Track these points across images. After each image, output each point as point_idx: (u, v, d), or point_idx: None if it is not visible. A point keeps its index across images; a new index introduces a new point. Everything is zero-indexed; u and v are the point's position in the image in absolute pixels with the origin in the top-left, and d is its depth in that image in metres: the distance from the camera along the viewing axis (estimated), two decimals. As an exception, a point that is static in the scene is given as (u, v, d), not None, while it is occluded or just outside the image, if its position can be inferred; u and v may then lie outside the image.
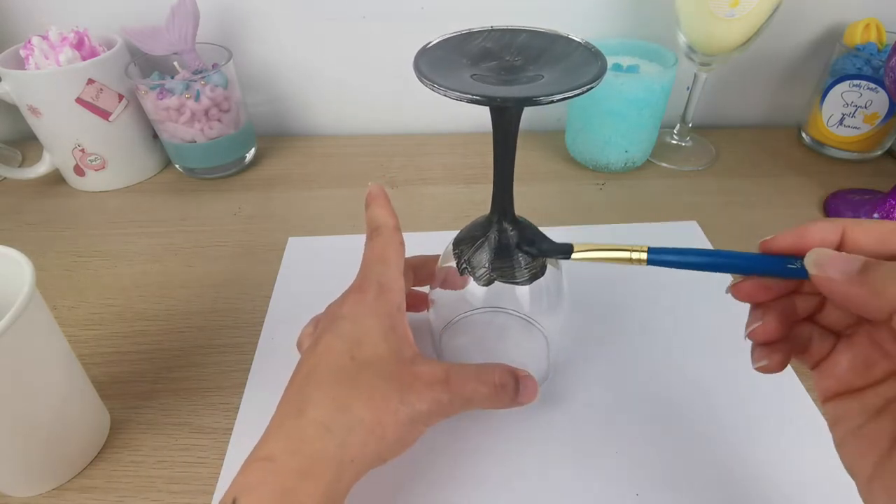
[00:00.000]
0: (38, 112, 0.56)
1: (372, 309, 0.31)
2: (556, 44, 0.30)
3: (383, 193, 0.36)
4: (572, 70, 0.27)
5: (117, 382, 0.42)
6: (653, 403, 0.40)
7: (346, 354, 0.29)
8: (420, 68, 0.27)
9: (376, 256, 0.33)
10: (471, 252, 0.34)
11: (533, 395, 0.32)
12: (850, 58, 0.62)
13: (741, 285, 0.27)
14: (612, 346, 0.44)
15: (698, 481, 0.35)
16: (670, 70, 0.58)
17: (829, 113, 0.65)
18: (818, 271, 0.23)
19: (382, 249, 0.33)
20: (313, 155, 0.68)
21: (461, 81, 0.27)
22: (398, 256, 0.33)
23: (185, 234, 0.55)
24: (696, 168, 0.66)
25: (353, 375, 0.28)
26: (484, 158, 0.67)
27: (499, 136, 0.31)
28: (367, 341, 0.30)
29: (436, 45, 0.30)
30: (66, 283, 0.50)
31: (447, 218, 0.57)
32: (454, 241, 0.36)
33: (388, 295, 0.31)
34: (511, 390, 0.31)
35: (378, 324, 0.30)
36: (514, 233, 0.33)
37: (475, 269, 0.34)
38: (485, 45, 0.30)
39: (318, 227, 0.56)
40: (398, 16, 0.65)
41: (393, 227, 0.35)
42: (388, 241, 0.34)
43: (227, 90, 0.59)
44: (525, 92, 0.26)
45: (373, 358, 0.29)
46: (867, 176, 0.64)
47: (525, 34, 0.31)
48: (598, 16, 0.66)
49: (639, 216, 0.58)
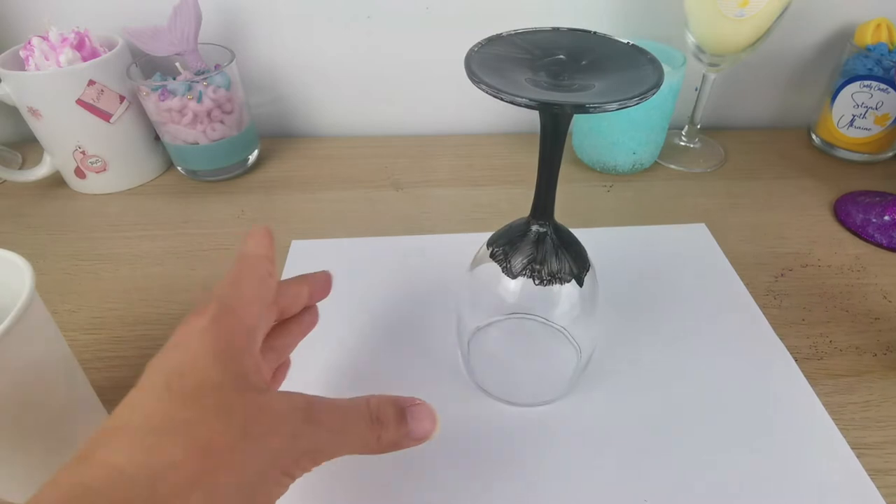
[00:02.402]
0: (39, 114, 0.55)
1: (205, 331, 0.24)
2: (612, 48, 0.29)
3: (267, 233, 0.30)
4: (627, 77, 0.26)
5: (119, 387, 0.41)
6: (666, 411, 0.39)
7: (159, 387, 0.22)
8: (473, 70, 0.26)
9: (227, 280, 0.27)
10: (509, 248, 0.33)
11: (429, 424, 0.26)
12: (860, 58, 0.61)
13: None
14: (631, 351, 0.43)
15: (709, 492, 0.35)
16: (679, 70, 0.57)
17: (839, 114, 0.65)
18: None
19: (237, 274, 0.28)
20: (317, 157, 0.68)
21: (516, 85, 0.26)
22: (257, 282, 0.28)
23: (188, 237, 0.55)
24: (704, 170, 0.65)
25: (168, 409, 0.21)
26: (490, 160, 0.66)
27: (549, 140, 0.30)
28: (192, 368, 0.23)
29: (486, 44, 0.29)
30: (66, 286, 0.49)
31: (453, 220, 0.57)
32: (489, 239, 0.35)
33: (231, 317, 0.25)
34: (391, 420, 0.25)
35: (210, 348, 0.24)
36: (554, 236, 0.33)
37: (512, 265, 0.33)
38: (537, 47, 0.29)
39: (322, 229, 0.56)
40: (403, 16, 0.64)
41: (261, 255, 0.29)
42: (249, 268, 0.28)
43: (229, 91, 0.59)
44: (582, 98, 0.25)
45: (199, 386, 0.22)
46: (878, 178, 0.64)
47: (581, 36, 0.30)
48: (607, 15, 0.65)
49: (647, 218, 0.57)
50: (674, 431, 0.38)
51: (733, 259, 0.51)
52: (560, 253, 0.33)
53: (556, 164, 0.31)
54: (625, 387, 0.40)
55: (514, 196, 0.60)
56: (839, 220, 0.57)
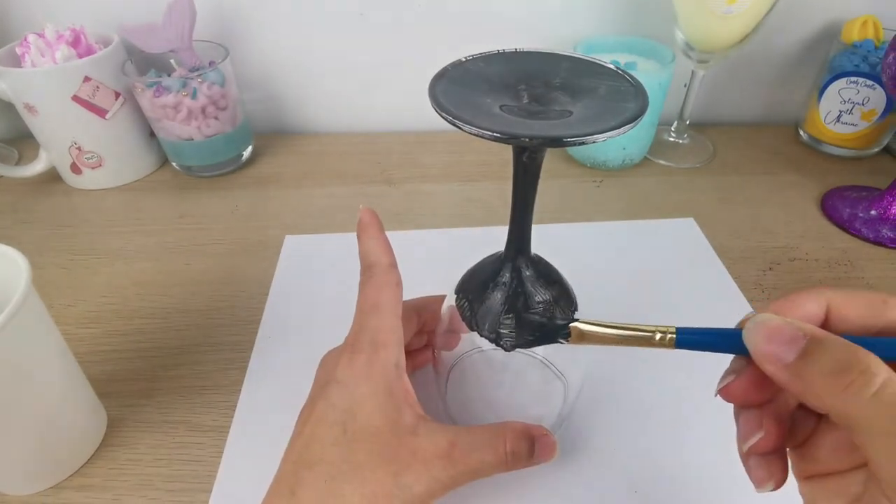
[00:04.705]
0: (35, 110, 0.55)
1: (365, 372, 0.28)
2: (591, 71, 0.25)
3: (376, 221, 0.33)
4: (607, 101, 0.23)
5: (114, 381, 0.41)
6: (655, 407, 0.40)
7: (338, 426, 0.27)
8: (437, 97, 0.23)
9: (369, 305, 0.30)
10: (479, 302, 0.30)
11: (551, 453, 0.29)
12: (847, 55, 0.62)
13: (732, 386, 0.22)
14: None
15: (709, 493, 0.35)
16: (668, 67, 0.58)
17: (826, 110, 0.65)
18: (754, 347, 0.21)
19: (376, 295, 0.30)
20: (310, 153, 0.68)
21: (483, 114, 0.22)
22: (394, 301, 0.30)
23: (182, 233, 0.55)
24: (693, 165, 0.66)
25: (346, 453, 0.26)
26: (482, 156, 0.67)
27: (522, 174, 0.27)
28: (361, 411, 0.27)
29: (456, 66, 0.26)
30: (63, 281, 0.50)
31: (445, 215, 0.57)
32: (457, 286, 0.32)
33: (384, 353, 0.28)
34: (524, 455, 0.28)
35: (372, 389, 0.28)
36: (531, 273, 0.29)
37: (482, 326, 0.29)
38: (507, 69, 0.26)
39: (316, 224, 0.56)
40: (395, 12, 0.65)
41: (387, 266, 0.31)
42: (383, 285, 0.30)
43: (223, 88, 0.59)
44: (554, 130, 0.21)
45: (366, 431, 0.27)
46: (864, 173, 0.64)
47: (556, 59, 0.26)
48: (596, 12, 0.66)
49: (636, 214, 0.58)
50: (664, 427, 0.38)
51: (722, 253, 0.52)
52: (535, 303, 0.29)
53: (531, 196, 0.28)
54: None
55: (506, 192, 0.60)
56: (826, 215, 0.58)
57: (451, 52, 0.28)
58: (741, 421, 0.23)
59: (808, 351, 0.19)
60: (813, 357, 0.19)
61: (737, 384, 0.22)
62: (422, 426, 0.28)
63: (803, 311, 0.21)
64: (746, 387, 0.22)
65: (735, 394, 0.22)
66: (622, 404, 0.40)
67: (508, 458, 0.28)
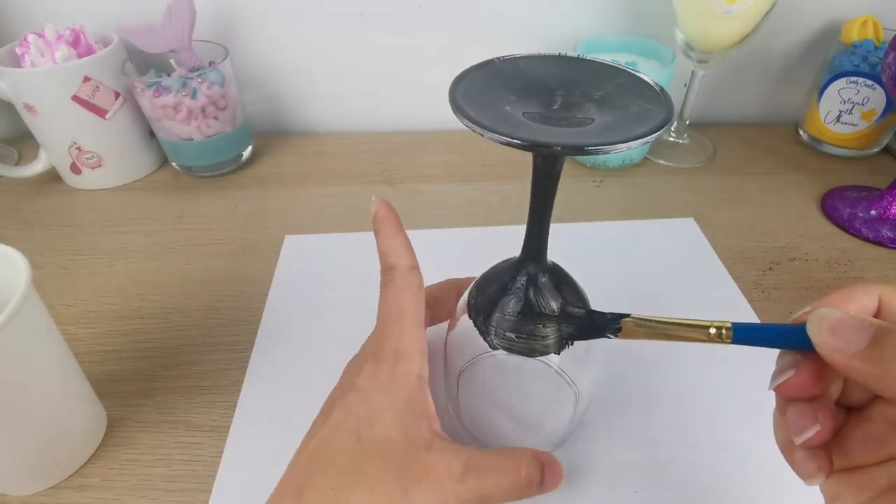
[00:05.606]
0: (35, 110, 0.55)
1: (387, 383, 0.28)
2: (616, 77, 0.25)
3: (393, 216, 0.32)
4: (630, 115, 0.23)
5: (114, 381, 0.41)
6: (658, 405, 0.40)
7: (353, 434, 0.26)
8: (457, 102, 0.23)
9: (392, 312, 0.29)
10: (488, 304, 0.30)
11: (557, 481, 0.29)
12: (847, 55, 0.62)
13: (791, 382, 0.23)
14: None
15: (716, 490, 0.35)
16: (668, 67, 0.58)
17: (826, 110, 0.65)
18: (820, 340, 0.21)
19: (397, 300, 0.29)
20: (310, 153, 0.68)
21: (503, 120, 0.22)
22: (416, 306, 0.30)
23: (182, 233, 0.55)
24: (693, 165, 0.66)
25: (358, 462, 0.26)
26: (482, 156, 0.67)
27: (543, 181, 0.27)
28: (378, 421, 0.27)
29: (475, 69, 0.26)
30: (62, 281, 0.50)
31: (445, 216, 0.57)
32: (470, 289, 0.32)
33: (407, 364, 0.28)
34: (536, 483, 0.28)
35: (392, 401, 0.27)
36: (546, 280, 0.29)
37: (489, 331, 0.30)
38: (528, 74, 0.26)
39: (315, 224, 0.56)
40: (395, 13, 0.65)
41: (408, 268, 0.31)
42: (404, 288, 0.30)
43: (223, 88, 0.59)
44: (579, 138, 0.21)
45: (382, 442, 0.26)
46: (864, 173, 0.64)
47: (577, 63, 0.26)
48: (596, 12, 0.66)
49: (636, 214, 0.58)
50: (666, 425, 0.38)
51: (722, 253, 0.52)
52: (550, 308, 0.29)
53: (549, 201, 0.28)
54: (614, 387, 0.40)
55: (507, 192, 0.61)
56: (826, 215, 0.58)
57: (450, 52, 0.28)
58: (794, 415, 0.23)
59: (879, 337, 0.20)
60: (886, 342, 0.19)
61: (796, 379, 0.23)
62: (437, 443, 0.27)
63: (859, 304, 0.22)
64: (805, 381, 0.23)
65: (793, 389, 0.23)
66: (629, 414, 0.39)
67: (524, 484, 0.28)
